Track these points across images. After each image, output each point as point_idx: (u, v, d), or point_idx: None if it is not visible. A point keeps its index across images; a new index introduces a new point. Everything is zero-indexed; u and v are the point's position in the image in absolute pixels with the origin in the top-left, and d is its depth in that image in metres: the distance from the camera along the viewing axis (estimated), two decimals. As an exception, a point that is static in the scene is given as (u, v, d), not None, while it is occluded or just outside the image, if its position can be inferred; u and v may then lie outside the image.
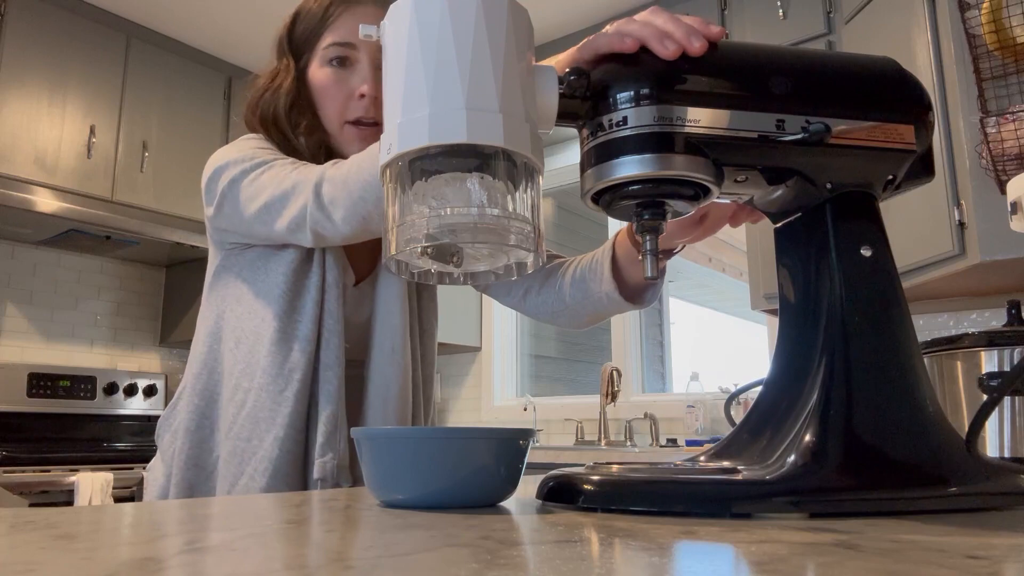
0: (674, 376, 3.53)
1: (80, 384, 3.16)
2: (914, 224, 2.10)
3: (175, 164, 3.29)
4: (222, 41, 3.45)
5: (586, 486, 0.56)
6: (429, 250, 0.57)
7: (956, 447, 0.55)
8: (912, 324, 0.60)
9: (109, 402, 3.24)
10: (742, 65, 0.62)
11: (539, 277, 1.09)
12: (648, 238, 0.63)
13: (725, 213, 0.83)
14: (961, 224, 1.96)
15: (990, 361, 1.00)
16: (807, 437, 0.55)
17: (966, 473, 0.54)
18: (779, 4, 2.68)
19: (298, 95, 1.02)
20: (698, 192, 0.60)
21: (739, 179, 0.62)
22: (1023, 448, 0.96)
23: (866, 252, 0.61)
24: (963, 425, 0.72)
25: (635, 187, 0.59)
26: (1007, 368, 0.99)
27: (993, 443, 0.97)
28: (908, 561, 0.33)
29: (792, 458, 0.54)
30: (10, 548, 0.37)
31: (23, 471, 2.42)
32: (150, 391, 3.37)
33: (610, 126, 0.58)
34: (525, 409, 3.42)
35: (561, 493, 0.57)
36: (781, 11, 2.68)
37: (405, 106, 0.54)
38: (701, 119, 0.58)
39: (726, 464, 0.59)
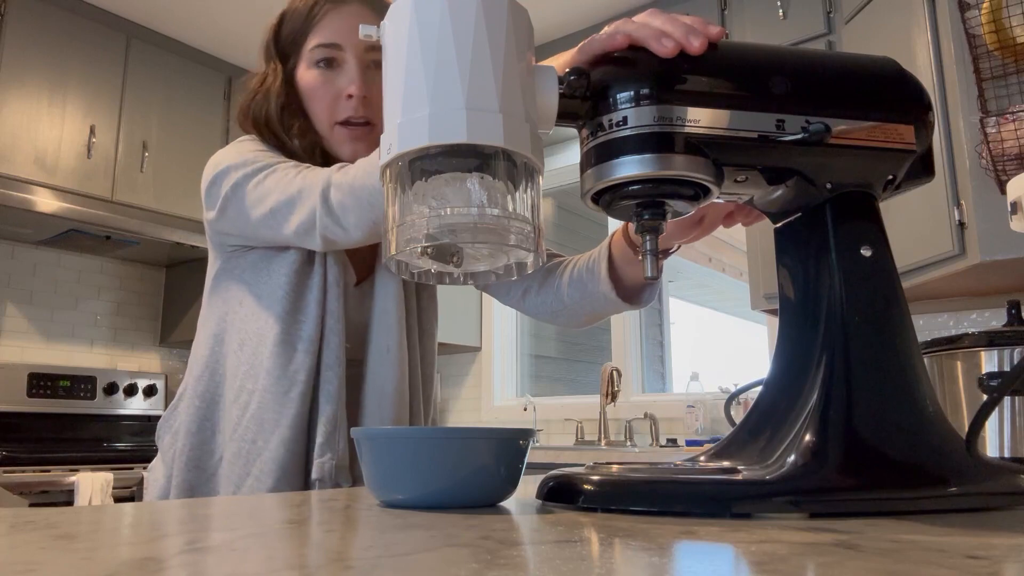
0: (674, 376, 3.53)
1: (80, 384, 3.16)
2: (914, 224, 2.10)
3: (175, 164, 3.29)
4: (222, 41, 3.45)
5: (586, 486, 0.56)
6: (429, 250, 0.57)
7: (956, 447, 0.55)
8: (912, 324, 0.60)
9: (109, 402, 3.24)
10: (742, 65, 0.62)
11: (538, 277, 1.09)
12: (648, 238, 0.63)
13: (722, 213, 0.83)
14: (961, 224, 1.96)
15: (990, 361, 1.00)
16: (807, 437, 0.55)
17: (966, 473, 0.54)
18: (779, 4, 2.68)
19: (288, 98, 1.02)
20: (698, 192, 0.60)
21: (739, 179, 0.62)
22: (1023, 448, 0.96)
23: (866, 252, 0.61)
24: (963, 425, 0.72)
25: (635, 187, 0.59)
26: (1007, 368, 0.99)
27: (993, 443, 0.97)
28: (908, 561, 0.33)
29: (792, 458, 0.54)
30: (10, 548, 0.37)
31: (23, 471, 2.42)
32: (150, 391, 3.37)
33: (610, 126, 0.58)
34: (525, 409, 3.42)
35: (561, 493, 0.57)
36: (781, 11, 2.68)
37: (405, 106, 0.54)
38: (701, 119, 0.58)
39: (726, 464, 0.59)
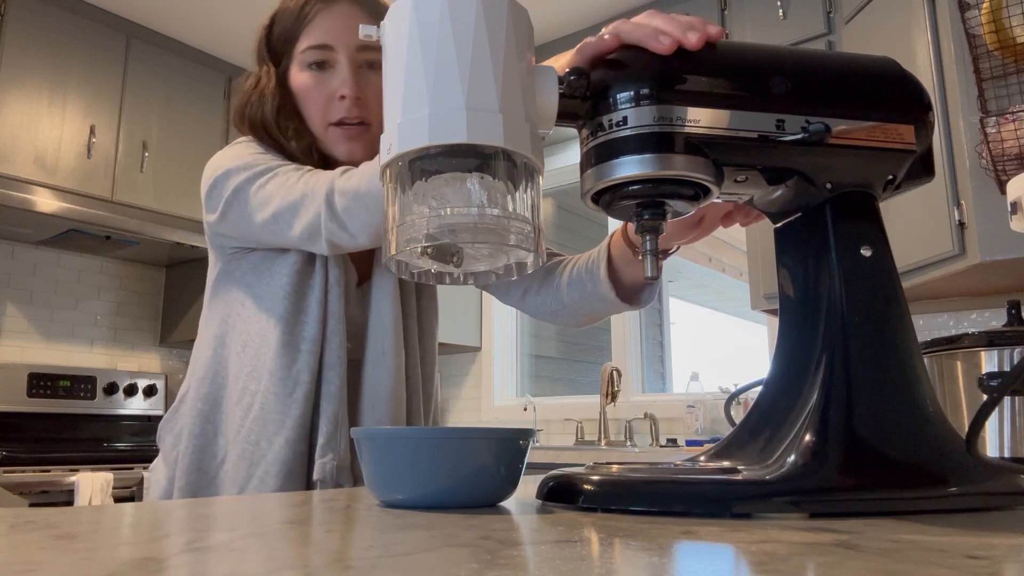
0: (674, 376, 3.53)
1: (80, 384, 3.16)
2: (914, 224, 2.10)
3: (175, 164, 3.29)
4: (222, 41, 3.45)
5: (586, 486, 0.56)
6: (429, 250, 0.57)
7: (956, 447, 0.55)
8: (912, 324, 0.60)
9: (109, 402, 3.24)
10: (742, 65, 0.62)
11: (538, 277, 1.09)
12: (648, 238, 0.63)
13: (720, 214, 0.83)
14: (961, 224, 1.96)
15: (990, 361, 1.00)
16: (807, 437, 0.55)
17: (966, 473, 0.54)
18: (779, 4, 2.68)
19: (283, 99, 1.02)
20: (698, 192, 0.60)
21: (739, 179, 0.62)
22: (1023, 448, 0.96)
23: (866, 252, 0.61)
24: (963, 425, 0.72)
25: (635, 187, 0.59)
26: (1007, 368, 0.99)
27: (993, 443, 0.97)
28: (908, 561, 0.33)
29: (792, 458, 0.54)
30: (10, 548, 0.37)
31: (23, 471, 2.42)
32: (150, 391, 3.37)
33: (610, 126, 0.58)
34: (525, 409, 3.42)
35: (561, 493, 0.57)
36: (781, 11, 2.68)
37: (405, 106, 0.54)
38: (701, 119, 0.58)
39: (726, 464, 0.59)
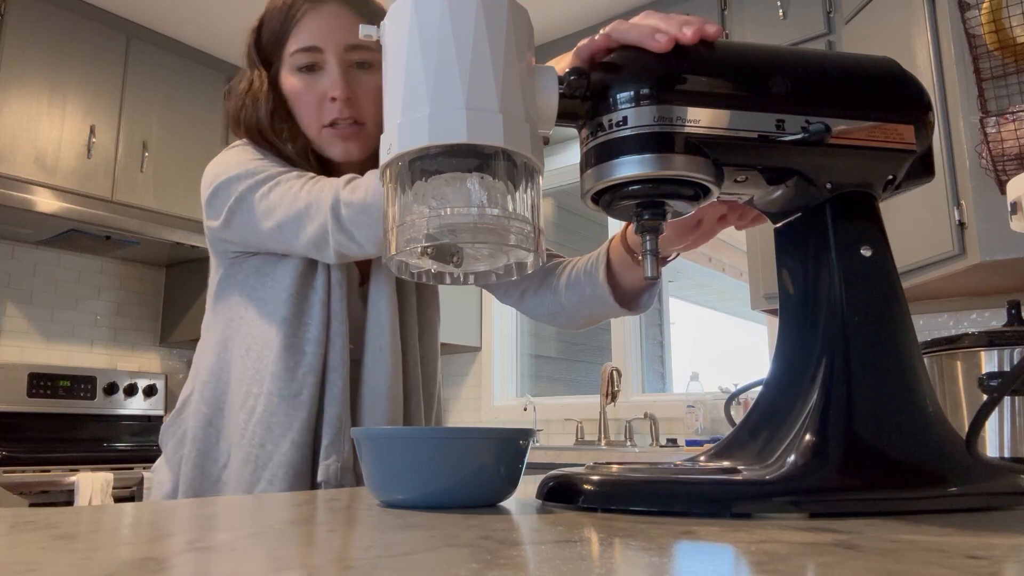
0: (674, 376, 3.53)
1: (80, 384, 3.16)
2: (914, 224, 2.10)
3: (175, 164, 3.29)
4: (222, 41, 3.45)
5: (586, 486, 0.56)
6: (429, 250, 0.57)
7: (956, 447, 0.55)
8: (912, 324, 0.60)
9: (109, 402, 3.24)
10: (742, 65, 0.62)
11: (536, 278, 1.09)
12: (648, 238, 0.63)
13: (716, 216, 0.83)
14: (961, 224, 1.96)
15: (990, 361, 1.00)
16: (807, 437, 0.55)
17: (966, 473, 0.54)
18: (779, 4, 2.68)
19: (275, 103, 1.02)
20: (698, 192, 0.60)
21: (739, 179, 0.62)
22: (1023, 448, 0.96)
23: (866, 252, 0.61)
24: (963, 425, 0.72)
25: (635, 187, 0.59)
26: (1007, 368, 0.99)
27: (993, 443, 0.97)
28: (908, 561, 0.33)
29: (792, 458, 0.54)
30: (10, 548, 0.37)
31: (23, 471, 2.42)
32: (150, 391, 3.36)
33: (610, 126, 0.58)
34: (525, 409, 3.42)
35: (561, 493, 0.57)
36: (781, 11, 2.68)
37: (405, 106, 0.54)
38: (701, 119, 0.58)
39: (726, 464, 0.59)
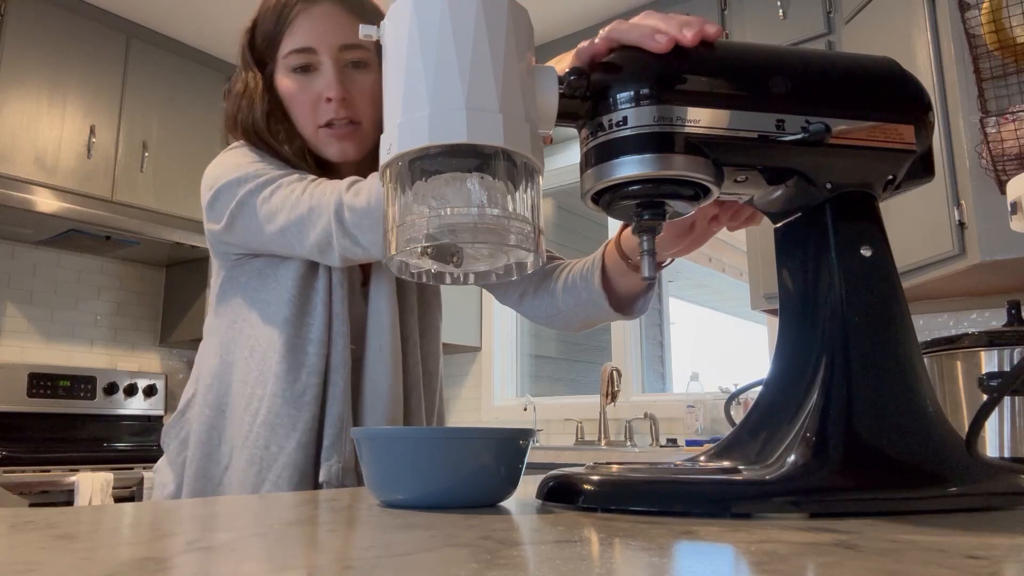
0: (674, 376, 3.53)
1: (80, 384, 3.16)
2: (914, 224, 2.10)
3: (175, 164, 3.29)
4: (222, 41, 3.45)
5: (586, 486, 0.56)
6: (429, 250, 0.57)
7: (956, 447, 0.55)
8: (912, 324, 0.60)
9: (109, 402, 3.24)
10: (742, 65, 0.62)
11: (535, 280, 1.09)
12: (645, 238, 0.63)
13: (708, 218, 0.82)
14: (961, 224, 1.96)
15: (990, 361, 1.00)
16: (807, 437, 0.55)
17: (966, 473, 0.54)
18: (779, 4, 2.68)
19: (271, 104, 1.02)
20: (698, 192, 0.60)
21: (739, 179, 0.62)
22: (1023, 448, 0.96)
23: (866, 252, 0.61)
24: (963, 425, 0.72)
25: (635, 187, 0.59)
26: (1007, 368, 0.99)
27: (993, 443, 0.97)
28: (908, 561, 0.33)
29: (792, 458, 0.54)
30: (10, 548, 0.37)
31: (23, 471, 2.42)
32: (150, 391, 3.36)
33: (610, 126, 0.58)
34: (525, 409, 3.42)
35: (561, 493, 0.57)
36: (781, 11, 2.68)
37: (405, 106, 0.54)
38: (701, 119, 0.58)
39: (726, 464, 0.59)
